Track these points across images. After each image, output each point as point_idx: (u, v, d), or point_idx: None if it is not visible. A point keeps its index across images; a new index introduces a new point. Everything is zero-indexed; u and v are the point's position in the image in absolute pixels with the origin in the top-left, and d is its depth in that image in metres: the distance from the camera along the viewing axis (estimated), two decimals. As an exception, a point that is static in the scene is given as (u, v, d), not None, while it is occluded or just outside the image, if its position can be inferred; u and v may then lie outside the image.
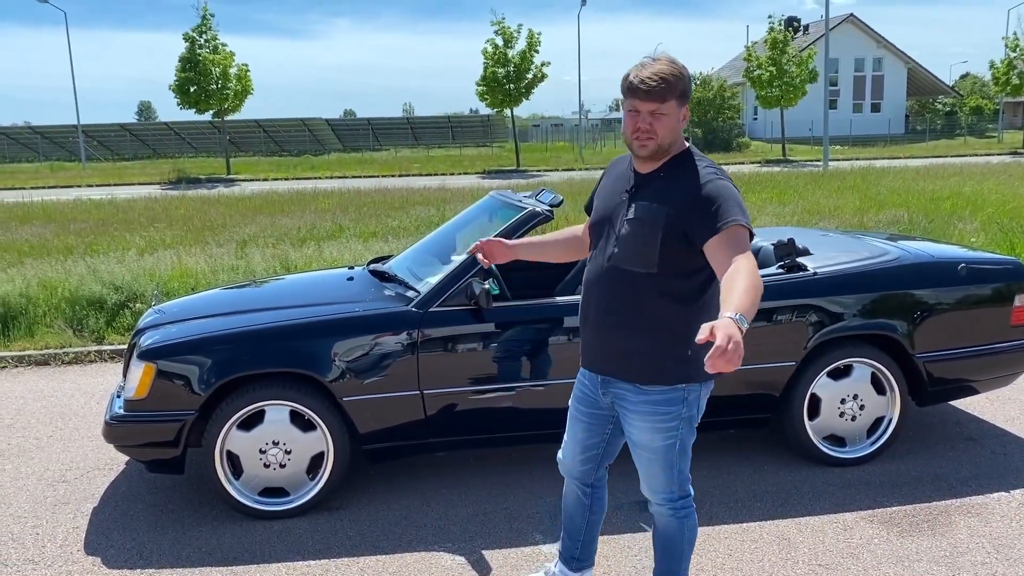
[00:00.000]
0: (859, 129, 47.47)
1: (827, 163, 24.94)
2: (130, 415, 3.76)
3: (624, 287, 2.51)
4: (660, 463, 2.61)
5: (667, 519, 2.70)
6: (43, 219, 13.92)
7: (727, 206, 2.36)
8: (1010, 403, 5.06)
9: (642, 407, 2.56)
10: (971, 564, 3.30)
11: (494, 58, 32.08)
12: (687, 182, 2.42)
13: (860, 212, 11.41)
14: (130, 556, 3.53)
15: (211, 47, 30.99)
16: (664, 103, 2.39)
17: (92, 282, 7.02)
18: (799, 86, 33.96)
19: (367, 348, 3.78)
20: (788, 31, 35.79)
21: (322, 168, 33.66)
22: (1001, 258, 4.54)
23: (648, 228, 2.44)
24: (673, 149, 2.49)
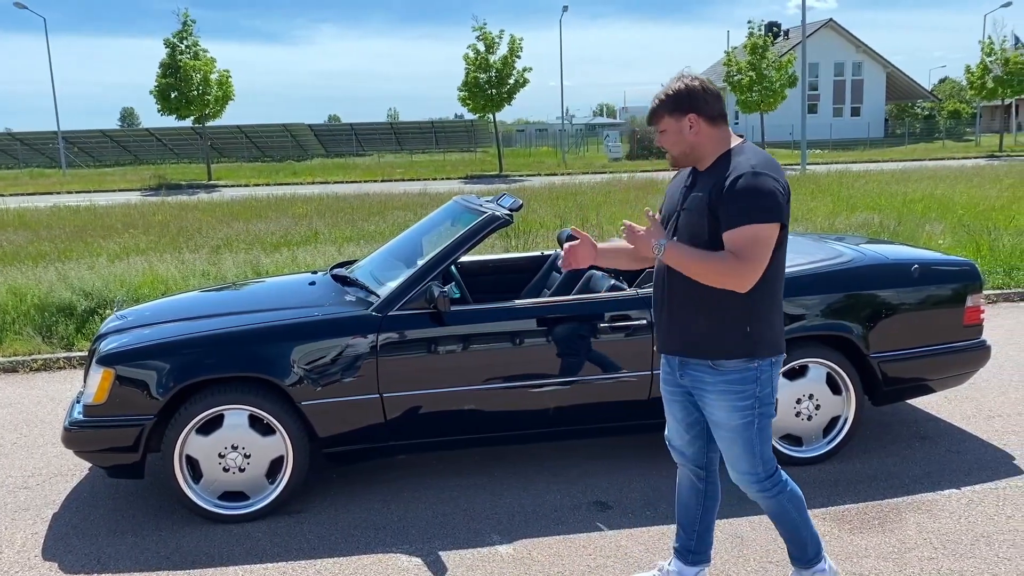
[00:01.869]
0: (839, 133, 47.81)
1: (805, 167, 25.14)
2: (89, 420, 3.77)
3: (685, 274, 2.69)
4: (741, 442, 2.77)
5: (763, 499, 2.86)
6: (18, 226, 13.85)
7: (747, 202, 2.55)
8: (966, 402, 5.15)
9: (718, 386, 2.73)
10: (918, 560, 3.36)
11: (476, 63, 32.14)
12: (722, 174, 2.63)
13: (832, 215, 11.52)
14: (88, 561, 3.54)
15: (192, 53, 30.88)
16: (659, 122, 2.73)
17: (62, 289, 7.01)
18: (779, 91, 34.21)
19: (326, 352, 3.81)
20: (768, 36, 36.04)
21: (304, 174, 33.60)
22: (954, 259, 4.62)
23: (696, 215, 2.68)
24: (711, 151, 2.70)
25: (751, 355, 2.69)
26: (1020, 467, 4.19)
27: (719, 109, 2.70)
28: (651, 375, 4.04)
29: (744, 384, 2.71)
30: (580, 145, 54.42)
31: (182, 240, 10.86)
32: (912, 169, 21.75)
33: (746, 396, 2.71)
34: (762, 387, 2.72)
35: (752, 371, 2.71)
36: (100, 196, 24.36)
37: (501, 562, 3.45)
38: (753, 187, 2.55)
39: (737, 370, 2.70)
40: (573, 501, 3.97)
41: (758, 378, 2.71)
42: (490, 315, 3.99)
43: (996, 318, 7.24)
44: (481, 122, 46.68)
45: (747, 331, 2.68)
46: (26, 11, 36.80)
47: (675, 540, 3.13)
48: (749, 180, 2.55)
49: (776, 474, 2.84)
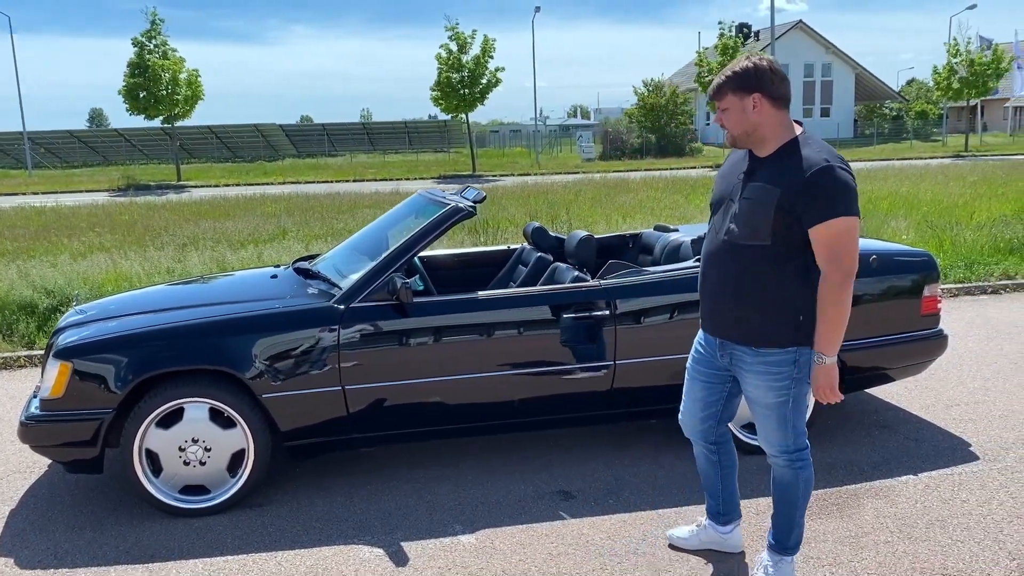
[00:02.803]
0: (809, 133, 48.21)
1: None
2: (46, 415, 3.72)
3: (740, 260, 2.79)
4: (775, 419, 2.90)
5: (783, 470, 2.98)
6: (-21, 226, 13.63)
7: (831, 196, 2.61)
8: (926, 392, 5.22)
9: (757, 367, 2.85)
10: (873, 543, 3.41)
11: (448, 63, 32.09)
12: (796, 165, 2.66)
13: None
14: (44, 556, 3.50)
15: (161, 52, 30.56)
16: (722, 100, 2.78)
17: (23, 287, 6.91)
18: (749, 91, 34.46)
19: (287, 345, 3.79)
20: (739, 37, 36.34)
21: (275, 174, 33.37)
22: (912, 250, 4.69)
23: (760, 206, 2.71)
24: (774, 135, 2.75)
25: (797, 343, 2.80)
26: (976, 453, 4.27)
27: (784, 92, 2.76)
28: (613, 366, 4.06)
29: (782, 367, 2.83)
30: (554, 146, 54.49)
31: (148, 239, 10.75)
32: (879, 168, 22.02)
33: (783, 377, 2.84)
34: (800, 369, 2.84)
35: (791, 354, 2.82)
36: (67, 197, 24.04)
37: (463, 551, 3.45)
38: (839, 181, 2.63)
39: (779, 354, 2.82)
40: (537, 491, 3.98)
41: (796, 360, 2.83)
42: (452, 307, 3.99)
43: (957, 311, 7.35)
44: (455, 123, 46.62)
45: (799, 321, 2.78)
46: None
47: (706, 505, 3.34)
48: (834, 174, 2.63)
49: (805, 451, 2.98)
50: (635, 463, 4.25)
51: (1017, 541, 3.39)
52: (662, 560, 3.34)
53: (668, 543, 3.43)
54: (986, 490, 3.85)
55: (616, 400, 4.15)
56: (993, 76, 37.70)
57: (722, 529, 3.31)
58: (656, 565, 3.30)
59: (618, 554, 3.39)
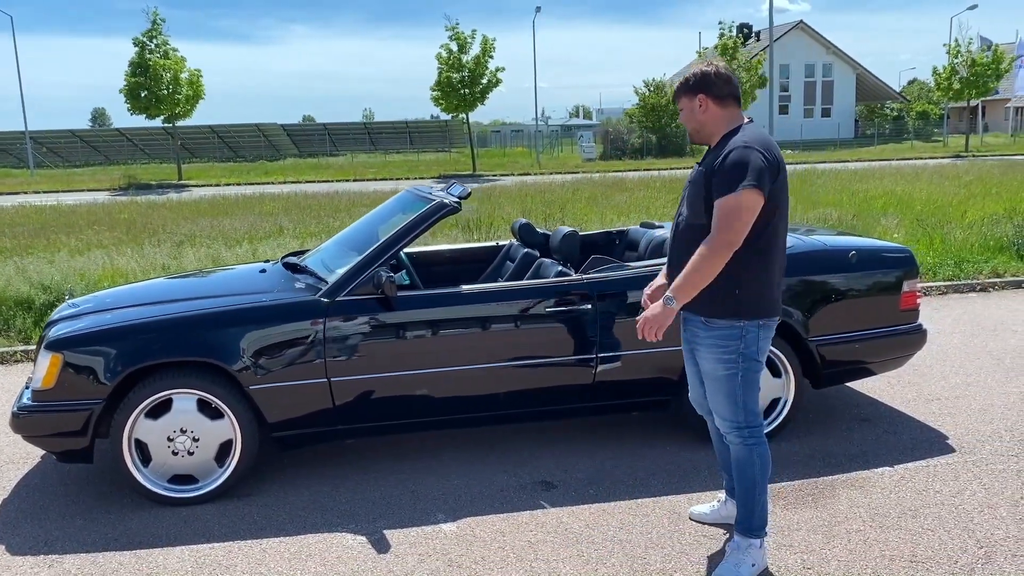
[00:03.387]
0: (810, 133, 48.31)
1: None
2: (37, 405, 3.81)
3: (689, 238, 3.02)
4: (723, 392, 3.08)
5: (737, 447, 3.14)
6: (-19, 224, 13.73)
7: (735, 174, 2.85)
8: (909, 387, 5.29)
9: (708, 340, 3.06)
10: (846, 532, 3.48)
11: (448, 63, 32.16)
12: (721, 150, 2.96)
13: (792, 212, 11.70)
14: (35, 544, 3.58)
15: (162, 52, 30.67)
16: (678, 102, 3.12)
17: (20, 283, 7.00)
18: (748, 91, 34.52)
19: (273, 337, 3.87)
20: (739, 37, 36.38)
21: (276, 173, 33.47)
22: (892, 246, 4.76)
23: (696, 188, 3.03)
24: (719, 130, 3.04)
25: (737, 316, 2.99)
26: (952, 446, 4.33)
27: (728, 91, 3.03)
28: (595, 359, 4.13)
29: (729, 340, 3.02)
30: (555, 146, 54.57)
31: (146, 236, 10.84)
32: (878, 168, 22.07)
33: (730, 351, 3.02)
34: (747, 345, 3.01)
35: (737, 329, 3.00)
36: (68, 196, 24.14)
37: (444, 539, 3.53)
38: (740, 160, 2.86)
39: (724, 327, 3.01)
40: (519, 481, 4.06)
41: (743, 336, 3.01)
42: (436, 300, 4.07)
43: (945, 308, 7.42)
44: (456, 123, 46.68)
45: (736, 294, 2.98)
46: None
47: (724, 482, 3.53)
48: (738, 153, 2.88)
49: (757, 428, 3.12)
50: (617, 455, 4.32)
51: (986, 529, 3.46)
52: (638, 547, 3.41)
53: (689, 517, 3.61)
54: (959, 481, 3.92)
55: (599, 393, 4.22)
56: (993, 77, 37.72)
57: None
58: (632, 553, 3.37)
59: (595, 542, 3.46)
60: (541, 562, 3.32)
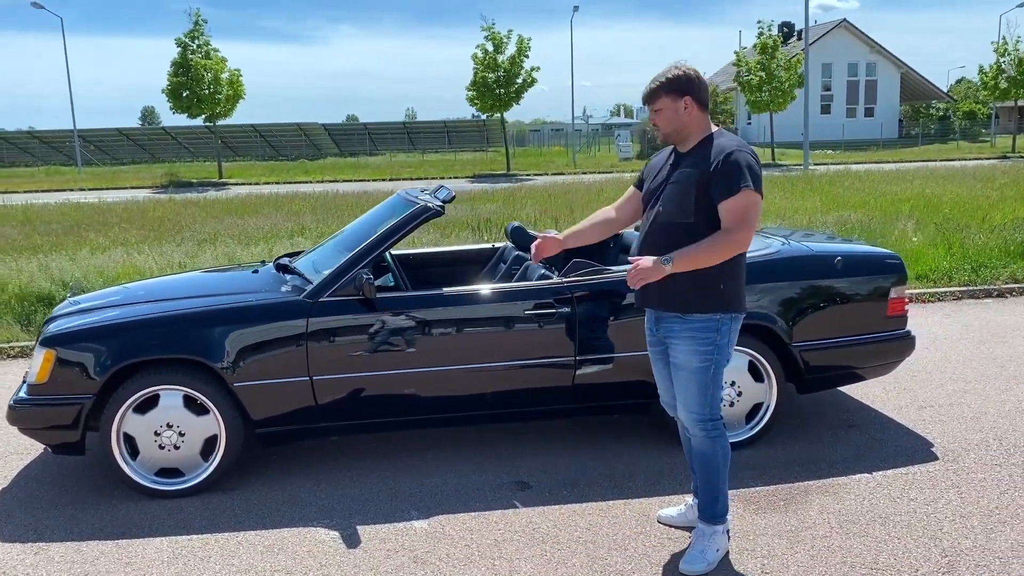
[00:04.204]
0: (852, 133, 47.56)
1: (807, 166, 25.14)
2: (32, 399, 3.97)
3: (669, 236, 3.11)
4: (696, 384, 3.18)
5: (700, 439, 3.26)
6: (21, 220, 14.17)
7: (735, 176, 2.98)
8: (903, 393, 5.25)
9: (685, 333, 3.16)
10: (811, 538, 3.49)
11: (484, 63, 32.33)
12: (710, 154, 3.06)
13: (814, 213, 11.60)
14: (25, 532, 3.73)
15: (203, 52, 31.29)
16: (656, 102, 3.13)
17: (42, 279, 7.24)
18: (788, 91, 34.15)
19: (258, 336, 3.98)
20: (779, 36, 35.97)
21: (315, 172, 33.92)
22: (880, 252, 4.73)
23: (683, 188, 3.10)
24: (696, 133, 3.14)
25: (721, 309, 3.12)
26: (936, 454, 4.31)
27: (706, 97, 3.16)
28: (574, 361, 4.18)
29: (707, 332, 3.13)
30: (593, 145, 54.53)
31: (172, 234, 11.11)
32: (914, 170, 21.69)
33: (707, 343, 3.14)
34: (722, 336, 3.15)
35: (715, 322, 3.13)
36: (111, 193, 24.75)
37: (414, 535, 3.61)
38: (740, 162, 3.00)
39: (703, 320, 3.12)
40: (496, 481, 4.13)
41: (719, 328, 3.14)
42: (417, 302, 4.15)
43: (957, 314, 7.33)
44: (493, 122, 46.88)
45: (720, 289, 3.10)
46: (44, 11, 37.36)
47: (692, 483, 3.54)
48: (740, 155, 3.01)
49: (719, 421, 3.26)
50: (596, 457, 4.37)
51: (954, 539, 3.44)
52: (601, 548, 3.46)
53: (657, 520, 3.65)
54: (936, 489, 3.90)
55: (578, 395, 4.27)
56: (1042, 75, 36.79)
57: None
58: (594, 553, 3.42)
59: (560, 542, 3.52)
60: (503, 560, 3.39)
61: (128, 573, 3.37)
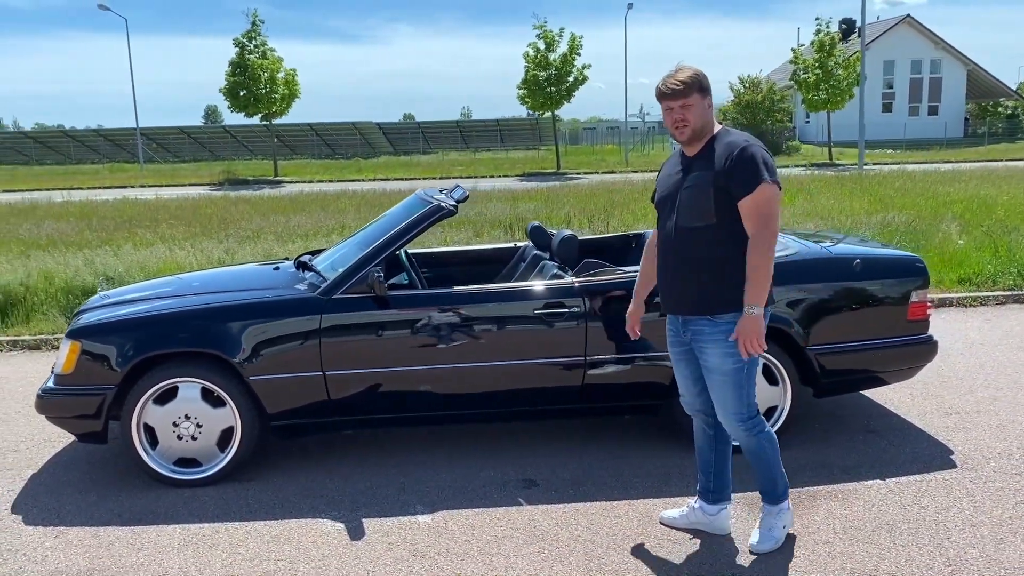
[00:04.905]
0: (915, 132, 46.32)
1: (862, 166, 24.61)
2: (58, 389, 4.13)
3: (692, 241, 3.15)
4: (731, 385, 3.20)
5: (745, 438, 3.30)
6: (77, 216, 14.65)
7: (752, 171, 3.01)
8: (929, 399, 5.14)
9: (716, 335, 3.16)
10: (812, 543, 3.45)
11: (535, 61, 32.36)
12: (723, 151, 3.08)
13: (858, 214, 11.36)
14: (48, 516, 3.89)
15: (260, 52, 31.91)
16: (689, 97, 3.10)
17: (86, 273, 7.51)
18: (846, 89, 33.43)
19: (272, 332, 4.08)
20: (838, 33, 35.25)
21: (368, 171, 34.31)
22: (903, 255, 4.64)
23: (701, 190, 3.10)
24: (708, 132, 3.15)
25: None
26: (955, 462, 4.21)
27: None
28: (584, 361, 4.19)
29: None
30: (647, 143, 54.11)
31: (216, 231, 11.38)
32: (973, 170, 21.08)
33: (734, 344, 3.10)
34: None
35: None
36: (169, 190, 25.42)
37: (417, 529, 3.67)
38: (753, 157, 3.02)
39: (731, 321, 3.11)
40: (504, 478, 4.16)
41: None
42: (428, 300, 4.21)
43: (999, 319, 7.13)
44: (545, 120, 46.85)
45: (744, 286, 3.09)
46: (109, 12, 38.49)
47: (697, 483, 3.59)
48: (753, 150, 3.04)
49: (757, 416, 3.29)
50: (604, 457, 4.37)
51: (961, 548, 3.37)
52: (599, 547, 3.47)
53: (660, 522, 3.66)
54: (949, 497, 3.82)
55: (588, 395, 4.29)
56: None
57: (710, 509, 3.53)
58: (592, 552, 3.44)
59: (560, 540, 3.54)
60: (501, 556, 3.43)
61: (139, 558, 3.49)
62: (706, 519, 3.54)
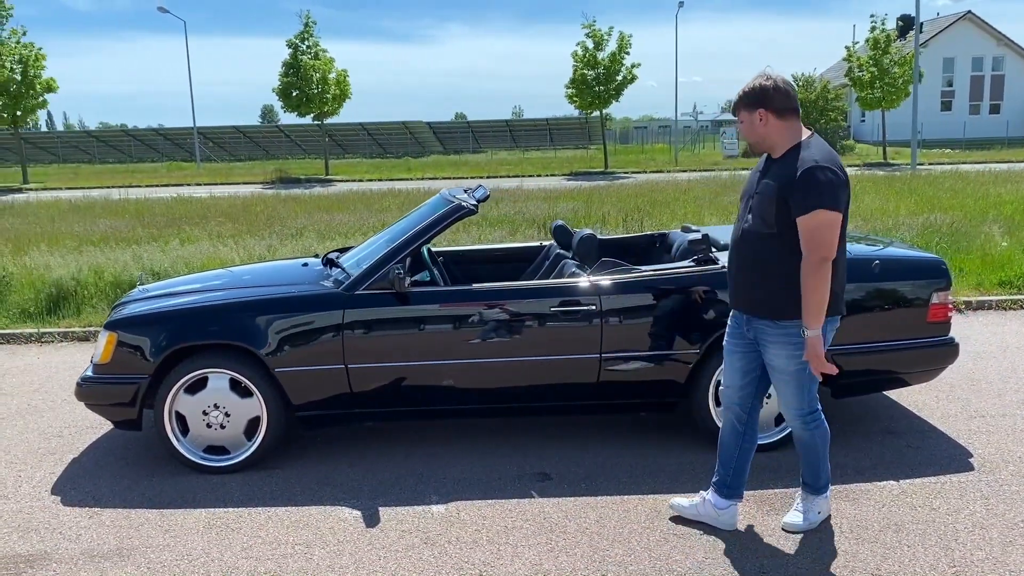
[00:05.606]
0: (975, 131, 45.25)
1: (915, 166, 24.12)
2: (96, 378, 4.35)
3: (755, 246, 3.26)
4: (794, 384, 3.34)
5: (800, 431, 3.47)
6: (132, 214, 15.13)
7: (813, 192, 3.04)
8: (955, 401, 5.10)
9: (779, 338, 3.27)
10: (818, 542, 3.48)
11: (584, 60, 32.39)
12: (792, 165, 3.12)
13: (901, 215, 11.19)
14: (84, 498, 4.10)
15: (312, 53, 32.48)
16: (737, 115, 3.29)
17: (134, 268, 7.79)
18: (901, 87, 32.77)
19: (297, 325, 4.24)
20: (893, 30, 34.56)
21: (417, 170, 34.69)
22: (924, 256, 4.62)
23: (766, 200, 3.19)
24: (781, 142, 3.21)
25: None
26: (973, 465, 4.19)
27: (789, 104, 3.19)
28: (599, 359, 4.27)
29: (800, 337, 3.22)
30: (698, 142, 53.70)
31: (261, 228, 11.67)
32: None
33: (800, 346, 3.23)
34: None
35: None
36: (223, 188, 26.01)
37: (430, 519, 3.79)
38: (822, 179, 3.04)
39: (794, 325, 3.21)
40: (519, 471, 4.26)
41: None
42: (447, 296, 4.33)
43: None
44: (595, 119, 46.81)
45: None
46: (168, 15, 39.50)
47: (714, 475, 3.66)
48: (814, 174, 3.05)
49: (817, 412, 3.45)
50: (620, 452, 4.44)
51: (967, 549, 3.38)
52: (605, 540, 3.55)
53: (669, 508, 3.77)
54: (962, 499, 3.81)
55: (604, 392, 4.35)
56: None
57: (720, 503, 3.60)
58: (597, 545, 3.51)
59: (567, 532, 3.63)
60: (508, 546, 3.52)
61: (166, 539, 3.67)
62: (714, 513, 3.60)
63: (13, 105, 29.89)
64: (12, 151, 43.54)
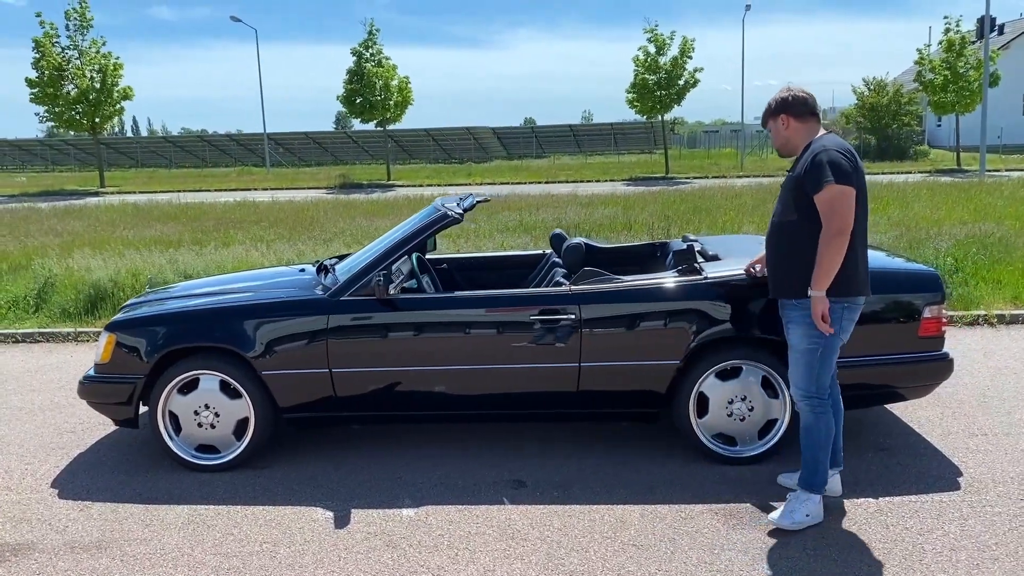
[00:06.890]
0: (1060, 136, 43.24)
1: (983, 172, 23.27)
2: (96, 377, 4.55)
3: (783, 234, 3.65)
4: (804, 362, 3.61)
5: (806, 413, 3.68)
6: (189, 217, 15.65)
7: (823, 171, 3.42)
8: (958, 419, 4.95)
9: (799, 316, 3.58)
10: (778, 557, 3.43)
11: (645, 65, 32.17)
12: (804, 157, 3.56)
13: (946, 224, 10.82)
14: (79, 491, 4.30)
15: (376, 61, 33.05)
16: (766, 127, 3.76)
17: (168, 271, 8.09)
18: (976, 90, 31.62)
19: (283, 330, 4.36)
20: (969, 32, 33.40)
21: (477, 175, 34.92)
22: (917, 269, 4.51)
23: (787, 191, 3.64)
24: (801, 141, 3.65)
25: (832, 295, 3.47)
26: (960, 484, 4.07)
27: (806, 109, 3.64)
28: (578, 368, 4.28)
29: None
30: (766, 146, 52.70)
31: (300, 233, 11.95)
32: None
33: (814, 327, 3.51)
34: (834, 322, 3.50)
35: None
36: (288, 193, 26.65)
37: (397, 522, 3.86)
38: (823, 160, 3.43)
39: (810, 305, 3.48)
40: (496, 478, 4.30)
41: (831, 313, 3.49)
42: (429, 304, 4.40)
43: (1072, 338, 6.72)
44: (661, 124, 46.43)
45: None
46: (241, 24, 40.69)
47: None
48: (824, 155, 3.45)
49: (825, 400, 3.65)
50: (600, 462, 4.44)
51: (931, 571, 3.29)
52: (563, 548, 3.57)
53: (778, 481, 4.06)
54: (939, 520, 3.71)
55: (583, 401, 4.37)
56: None
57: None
58: (554, 553, 3.54)
59: (528, 540, 3.66)
60: (466, 551, 3.57)
61: (145, 533, 3.83)
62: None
63: (92, 112, 31.18)
64: (93, 155, 45.35)
